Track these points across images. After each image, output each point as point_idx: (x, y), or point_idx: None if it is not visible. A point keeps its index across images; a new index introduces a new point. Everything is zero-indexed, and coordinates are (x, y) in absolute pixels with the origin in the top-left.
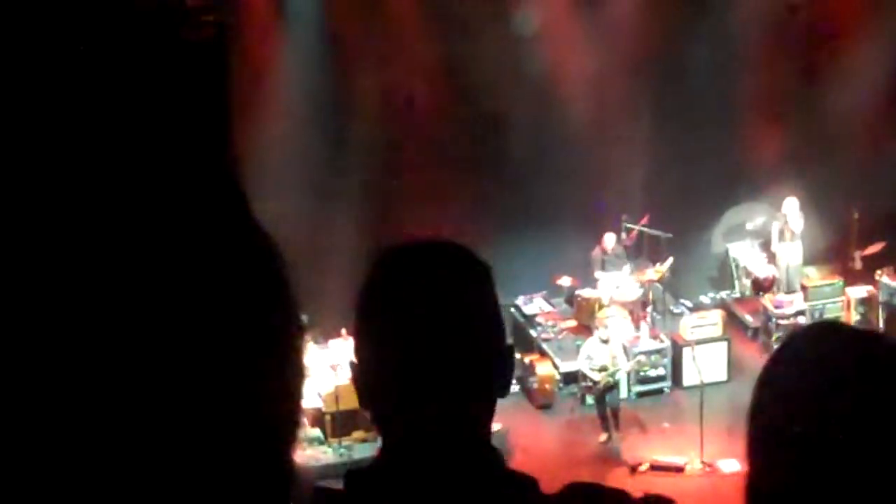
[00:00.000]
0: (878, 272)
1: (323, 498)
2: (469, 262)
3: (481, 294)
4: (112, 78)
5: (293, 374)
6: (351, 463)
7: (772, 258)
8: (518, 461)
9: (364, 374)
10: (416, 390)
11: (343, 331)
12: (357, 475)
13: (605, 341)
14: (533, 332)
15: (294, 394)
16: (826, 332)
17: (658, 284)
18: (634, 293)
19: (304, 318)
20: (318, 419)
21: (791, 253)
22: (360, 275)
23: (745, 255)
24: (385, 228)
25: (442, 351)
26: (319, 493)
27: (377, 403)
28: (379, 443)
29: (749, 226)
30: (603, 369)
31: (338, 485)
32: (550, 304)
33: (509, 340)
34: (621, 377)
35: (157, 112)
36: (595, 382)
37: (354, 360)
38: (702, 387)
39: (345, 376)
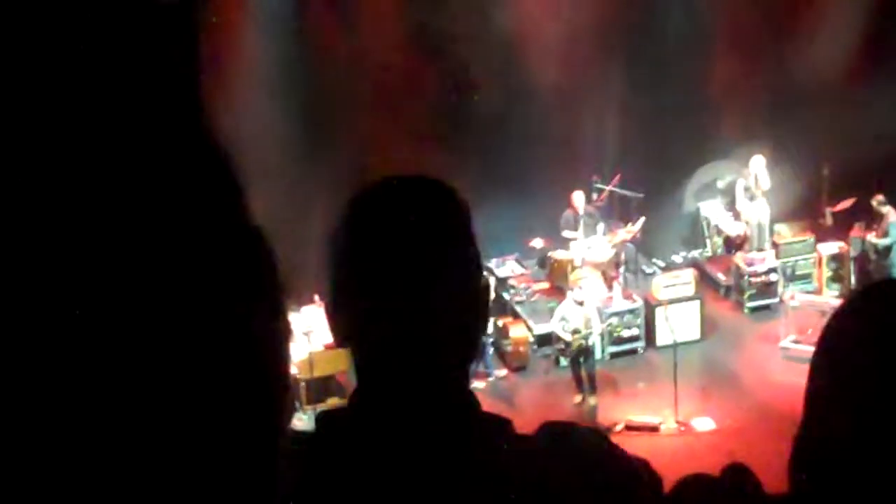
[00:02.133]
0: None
1: (294, 440)
2: (446, 196)
3: (458, 228)
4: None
5: (280, 336)
6: None
7: (737, 216)
8: None
9: (338, 310)
10: (391, 326)
11: (316, 297)
12: (329, 416)
13: (581, 303)
14: (506, 295)
15: (281, 356)
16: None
17: (630, 245)
18: (606, 254)
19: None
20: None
21: (759, 210)
22: (316, 234)
23: (717, 213)
24: (348, 186)
25: (419, 286)
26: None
27: (352, 340)
28: None
29: (720, 184)
30: (576, 332)
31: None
32: (523, 266)
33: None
34: (594, 340)
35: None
36: (568, 344)
37: (328, 295)
38: (675, 346)
39: (319, 343)
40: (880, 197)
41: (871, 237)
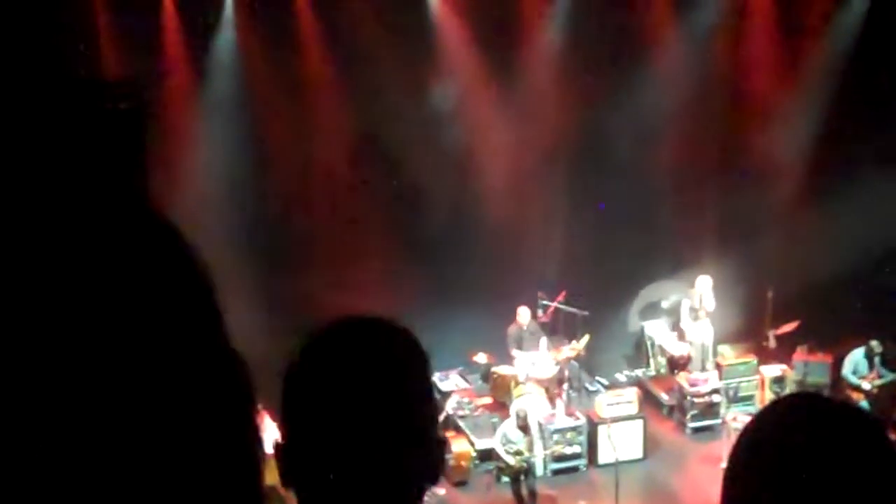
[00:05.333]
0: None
1: None
2: (407, 345)
3: (416, 378)
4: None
5: (253, 448)
6: None
7: (681, 335)
8: None
9: (290, 454)
10: (343, 474)
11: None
12: None
13: (524, 428)
14: (448, 409)
15: (255, 464)
16: (806, 403)
17: (574, 362)
18: (550, 370)
19: None
20: None
21: (703, 331)
22: (269, 351)
23: (661, 333)
24: (298, 301)
25: (371, 436)
26: None
27: (302, 485)
28: None
29: (664, 304)
30: (518, 453)
31: None
32: (466, 380)
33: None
34: (536, 461)
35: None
36: (509, 465)
37: (280, 439)
38: (617, 465)
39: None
40: (875, 342)
41: (865, 383)
